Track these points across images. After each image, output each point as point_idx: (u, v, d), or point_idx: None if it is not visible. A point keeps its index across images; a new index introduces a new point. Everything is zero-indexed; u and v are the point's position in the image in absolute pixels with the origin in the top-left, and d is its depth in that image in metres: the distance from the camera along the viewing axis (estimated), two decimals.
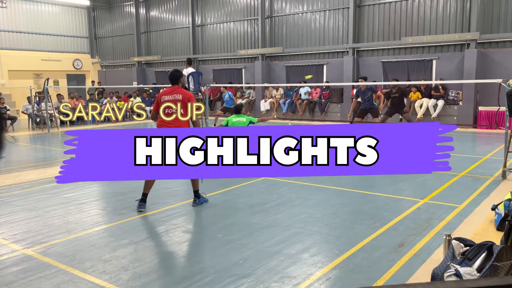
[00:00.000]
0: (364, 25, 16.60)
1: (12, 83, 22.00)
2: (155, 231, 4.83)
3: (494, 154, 9.02)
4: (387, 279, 3.47)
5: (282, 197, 6.03)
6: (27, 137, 14.31)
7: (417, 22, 15.37)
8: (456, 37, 14.31)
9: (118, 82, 23.95)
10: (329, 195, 6.18)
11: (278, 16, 18.82)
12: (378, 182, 6.82)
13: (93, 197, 6.29)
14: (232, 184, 6.85)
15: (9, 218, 5.30)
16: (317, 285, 3.40)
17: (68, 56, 24.75)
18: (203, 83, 12.32)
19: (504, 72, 12.66)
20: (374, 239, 4.33)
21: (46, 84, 15.81)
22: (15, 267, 3.84)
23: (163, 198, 6.04)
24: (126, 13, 24.56)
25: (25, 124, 17.56)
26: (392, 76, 15.85)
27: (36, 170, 8.31)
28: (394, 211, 5.26)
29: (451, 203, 5.53)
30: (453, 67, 14.62)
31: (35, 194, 6.49)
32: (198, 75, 10.94)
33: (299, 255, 3.97)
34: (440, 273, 2.86)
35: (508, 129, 7.03)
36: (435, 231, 4.51)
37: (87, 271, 3.71)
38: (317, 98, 17.16)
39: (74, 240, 4.48)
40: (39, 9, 23.62)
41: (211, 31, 21.12)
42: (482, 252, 2.85)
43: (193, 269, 3.75)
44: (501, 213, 4.47)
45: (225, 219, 5.11)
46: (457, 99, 14.39)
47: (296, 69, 18.40)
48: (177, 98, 5.35)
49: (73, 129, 16.21)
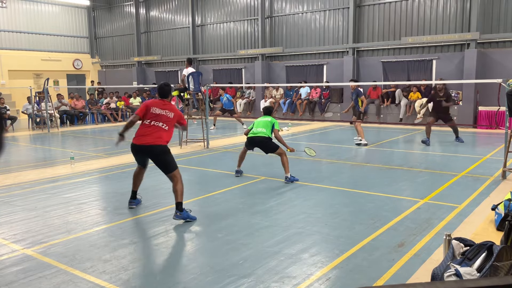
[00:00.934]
0: (364, 25, 16.61)
1: (12, 83, 22.01)
2: (155, 231, 4.83)
3: (494, 154, 9.02)
4: (387, 279, 3.47)
5: (282, 197, 6.03)
6: (27, 137, 14.31)
7: (417, 22, 15.37)
8: (456, 37, 14.32)
9: (118, 82, 23.96)
10: (329, 195, 6.18)
11: (278, 16, 18.82)
12: (378, 182, 6.83)
13: (93, 197, 6.29)
14: (232, 184, 6.85)
15: (9, 218, 5.30)
16: (317, 285, 3.40)
17: (68, 56, 24.75)
18: (203, 83, 12.32)
19: (504, 72, 12.66)
20: (374, 239, 4.33)
21: (46, 84, 15.82)
22: (15, 267, 3.84)
23: (163, 198, 6.04)
24: (126, 13, 24.56)
25: (25, 124, 17.57)
26: (392, 76, 15.87)
27: (36, 170, 8.31)
28: (394, 211, 5.27)
29: (451, 203, 5.53)
30: (453, 67, 14.63)
31: (35, 194, 6.49)
32: (198, 75, 10.94)
33: (299, 255, 3.97)
34: (440, 273, 2.86)
35: (508, 129, 7.03)
36: (435, 231, 4.52)
37: (87, 271, 3.71)
38: (317, 98, 17.17)
39: (74, 240, 4.48)
40: (39, 9, 23.63)
41: (211, 31, 21.12)
42: (482, 252, 2.84)
43: (193, 269, 3.75)
44: (501, 213, 4.48)
45: (225, 219, 5.11)
46: (457, 99, 14.39)
47: (296, 69, 18.40)
48: (169, 115, 5.29)
49: (73, 129, 16.24)
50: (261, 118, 7.48)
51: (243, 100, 19.01)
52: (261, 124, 7.23)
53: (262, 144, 7.14)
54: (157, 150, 5.15)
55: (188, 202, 5.87)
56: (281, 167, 7.06)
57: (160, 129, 5.20)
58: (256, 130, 7.20)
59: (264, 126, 7.18)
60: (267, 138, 7.10)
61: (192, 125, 14.44)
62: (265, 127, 7.17)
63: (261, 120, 7.36)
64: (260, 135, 7.11)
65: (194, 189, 6.79)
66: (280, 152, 7.03)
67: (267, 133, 7.12)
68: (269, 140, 7.11)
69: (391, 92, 15.71)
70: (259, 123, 7.29)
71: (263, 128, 7.15)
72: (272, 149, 7.10)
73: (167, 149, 5.21)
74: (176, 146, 10.78)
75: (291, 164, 8.33)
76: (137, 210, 5.53)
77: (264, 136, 7.09)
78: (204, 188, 6.68)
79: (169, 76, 22.57)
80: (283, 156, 6.97)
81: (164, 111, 5.30)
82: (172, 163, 5.18)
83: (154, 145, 5.12)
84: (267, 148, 7.14)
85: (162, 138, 5.19)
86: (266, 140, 7.08)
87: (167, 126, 5.24)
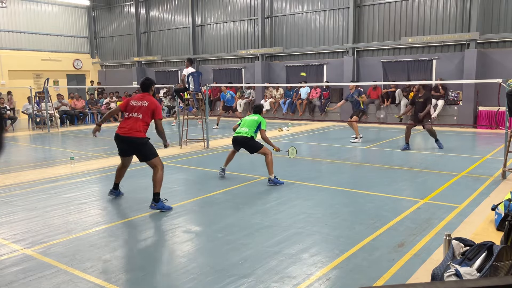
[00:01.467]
0: (364, 25, 16.61)
1: (12, 83, 22.00)
2: (155, 231, 4.83)
3: (494, 154, 9.02)
4: (387, 279, 3.47)
5: (282, 197, 6.03)
6: (27, 137, 14.31)
7: (417, 22, 15.37)
8: (456, 37, 14.32)
9: (118, 82, 23.97)
10: (329, 195, 6.18)
11: (278, 16, 18.82)
12: (378, 182, 6.82)
13: (93, 197, 6.29)
14: (232, 184, 6.85)
15: (9, 218, 5.29)
16: (317, 285, 3.40)
17: (68, 56, 24.75)
18: (203, 83, 12.32)
19: (504, 72, 12.66)
20: (374, 239, 4.33)
21: (46, 84, 15.82)
22: (15, 267, 3.84)
23: (163, 198, 6.03)
24: (126, 13, 24.56)
25: (25, 124, 17.57)
26: (392, 76, 15.87)
27: (36, 170, 8.30)
28: (394, 211, 5.26)
29: (451, 203, 5.53)
30: (453, 67, 14.63)
31: (35, 194, 6.49)
32: (198, 75, 10.94)
33: (299, 255, 3.97)
34: (440, 273, 2.86)
35: (508, 129, 7.03)
36: (435, 231, 4.51)
37: (87, 271, 3.71)
38: (317, 98, 17.17)
39: (74, 240, 4.48)
40: (39, 9, 23.63)
41: (211, 31, 21.12)
42: (482, 252, 2.84)
43: (193, 269, 3.75)
44: (501, 213, 4.47)
45: (225, 219, 5.11)
46: (457, 99, 14.40)
47: (296, 69, 18.39)
48: (143, 105, 5.62)
49: (73, 129, 16.24)
50: (249, 116, 7.30)
51: (243, 100, 19.01)
52: (247, 123, 7.07)
53: (245, 145, 6.99)
54: (135, 142, 5.54)
55: (188, 202, 5.88)
56: (281, 167, 7.05)
57: (137, 119, 5.56)
58: (240, 129, 7.07)
59: (249, 125, 7.02)
60: (249, 138, 6.92)
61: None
62: (249, 126, 7.00)
63: (248, 118, 7.19)
64: (242, 135, 6.96)
65: (194, 189, 6.79)
66: (265, 152, 6.83)
67: (250, 132, 6.95)
68: (250, 140, 6.93)
69: (391, 92, 15.71)
70: (245, 122, 7.14)
71: (247, 128, 6.99)
72: (255, 149, 6.92)
73: (144, 141, 5.57)
74: (176, 146, 10.78)
75: (291, 164, 8.32)
76: (137, 210, 5.53)
77: (245, 136, 6.93)
78: (204, 188, 6.68)
79: (169, 76, 22.57)
80: (267, 156, 6.76)
81: (140, 102, 5.66)
82: (149, 152, 5.57)
83: (133, 136, 5.52)
84: (250, 148, 6.98)
85: (140, 129, 5.53)
86: (247, 140, 6.93)
87: (141, 115, 5.58)
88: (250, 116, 7.27)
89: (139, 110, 5.57)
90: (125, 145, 5.66)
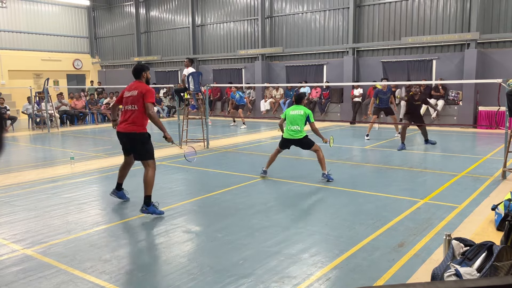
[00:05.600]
0: (364, 25, 16.61)
1: (12, 83, 22.01)
2: (155, 231, 4.83)
3: (494, 154, 9.02)
4: (387, 279, 3.47)
5: (282, 197, 6.03)
6: (27, 137, 14.31)
7: (417, 22, 15.37)
8: (456, 37, 14.31)
9: (118, 82, 23.94)
10: (329, 195, 6.18)
11: (278, 16, 18.82)
12: (378, 182, 6.83)
13: (93, 197, 6.29)
14: (232, 184, 6.85)
15: (9, 218, 5.29)
16: (317, 285, 3.40)
17: (68, 56, 24.76)
18: (203, 83, 12.32)
19: (504, 72, 12.67)
20: (374, 239, 4.33)
21: (46, 84, 15.82)
22: (15, 267, 3.84)
23: (163, 198, 6.03)
24: (126, 13, 24.56)
25: (25, 124, 17.57)
26: (392, 76, 15.86)
27: (36, 170, 8.30)
28: (394, 211, 5.26)
29: (451, 203, 5.53)
30: (453, 67, 14.63)
31: (35, 194, 6.49)
32: (198, 75, 10.94)
33: (299, 255, 3.97)
34: (440, 273, 2.86)
35: (508, 129, 7.03)
36: (435, 231, 4.51)
37: (87, 271, 3.71)
38: (317, 98, 17.17)
39: (74, 240, 4.48)
40: (39, 9, 23.63)
41: (211, 31, 21.12)
42: (482, 252, 2.85)
43: (193, 269, 3.75)
44: (501, 213, 4.48)
45: (225, 219, 5.11)
46: (457, 99, 14.39)
47: (296, 69, 18.40)
48: (133, 94, 5.32)
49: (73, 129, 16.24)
50: (293, 109, 7.05)
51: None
52: (296, 120, 6.91)
53: (299, 143, 7.01)
54: (135, 138, 5.30)
55: (188, 202, 5.88)
56: (280, 167, 7.06)
57: (133, 111, 5.28)
58: (290, 128, 6.94)
59: (299, 122, 6.90)
60: (304, 137, 6.93)
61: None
62: (299, 123, 6.90)
63: (295, 113, 6.97)
64: (297, 137, 6.90)
65: (194, 189, 6.79)
66: (316, 148, 6.91)
67: (301, 129, 6.90)
68: (305, 138, 6.94)
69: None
70: (293, 118, 6.94)
71: (298, 126, 6.88)
72: (310, 146, 6.96)
73: (144, 138, 5.31)
74: (176, 146, 10.78)
75: (291, 164, 8.33)
76: (137, 210, 5.52)
77: (301, 138, 6.91)
78: (204, 188, 6.68)
79: (169, 76, 22.57)
80: (319, 153, 6.87)
81: (130, 92, 5.38)
82: (147, 153, 5.33)
83: (132, 132, 5.28)
84: (304, 145, 7.01)
85: (137, 123, 5.26)
86: (303, 140, 6.95)
87: (135, 105, 5.28)
88: (295, 109, 7.06)
89: (132, 101, 5.29)
90: (126, 140, 5.44)
